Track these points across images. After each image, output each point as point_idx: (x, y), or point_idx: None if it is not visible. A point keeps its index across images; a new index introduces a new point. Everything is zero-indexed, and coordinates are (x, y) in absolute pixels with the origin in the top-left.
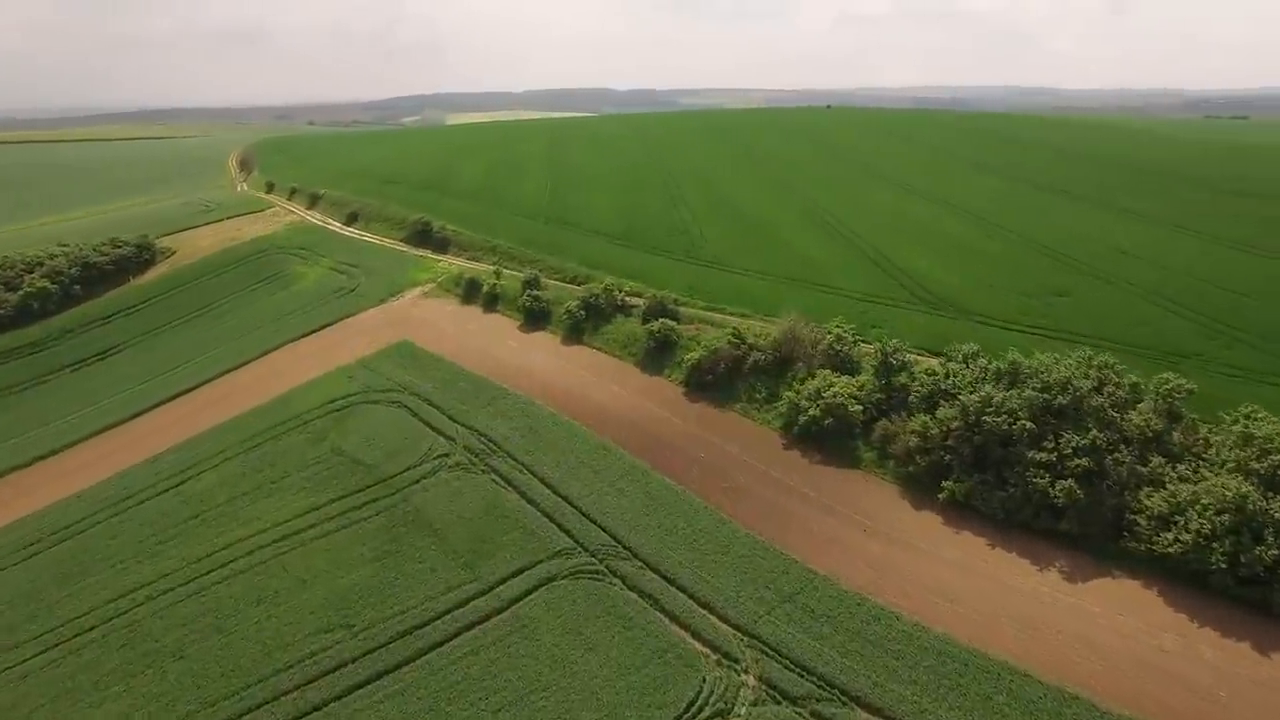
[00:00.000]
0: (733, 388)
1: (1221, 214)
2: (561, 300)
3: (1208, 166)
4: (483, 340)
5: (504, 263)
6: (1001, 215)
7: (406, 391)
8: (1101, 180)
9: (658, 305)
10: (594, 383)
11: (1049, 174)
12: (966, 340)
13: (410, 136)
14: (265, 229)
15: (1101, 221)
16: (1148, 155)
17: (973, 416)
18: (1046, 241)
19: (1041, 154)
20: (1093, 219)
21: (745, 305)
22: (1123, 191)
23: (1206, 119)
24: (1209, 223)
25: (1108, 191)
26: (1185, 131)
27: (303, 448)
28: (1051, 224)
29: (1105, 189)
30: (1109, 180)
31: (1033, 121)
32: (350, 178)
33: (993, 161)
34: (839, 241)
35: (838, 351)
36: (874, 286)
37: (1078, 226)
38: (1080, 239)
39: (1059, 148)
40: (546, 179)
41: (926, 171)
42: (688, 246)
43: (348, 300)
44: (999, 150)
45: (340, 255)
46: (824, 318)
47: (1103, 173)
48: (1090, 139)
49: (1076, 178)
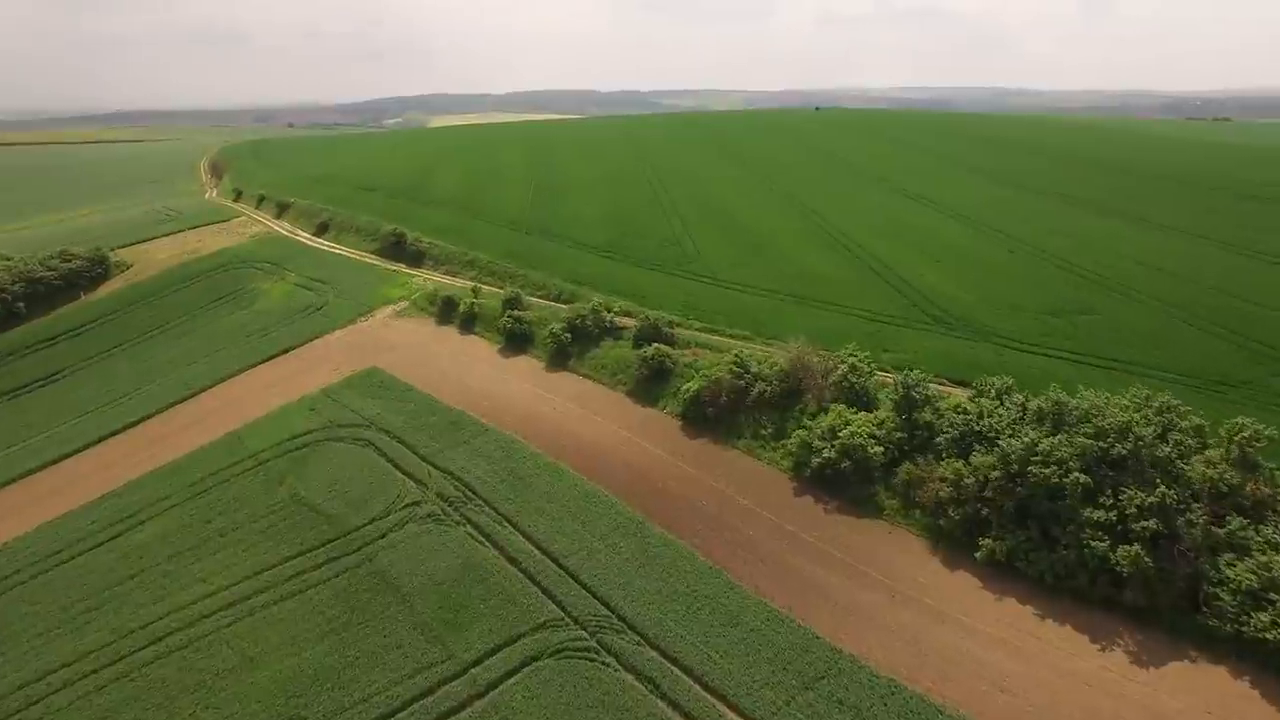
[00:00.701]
0: (735, 422)
1: (1247, 222)
2: (545, 321)
3: (1217, 170)
4: (459, 366)
5: (483, 278)
6: (1008, 223)
7: (374, 427)
8: (1107, 186)
9: (650, 328)
10: (581, 416)
11: (1049, 179)
12: (987, 364)
13: (389, 140)
14: (229, 240)
15: (1115, 231)
16: (1148, 158)
17: (1015, 466)
18: (1060, 253)
19: (1039, 157)
20: (1105, 228)
21: (745, 326)
22: (1132, 198)
23: (1189, 121)
24: (1236, 232)
25: (1115, 198)
26: (1180, 133)
27: (257, 494)
28: (1062, 233)
29: (1112, 195)
30: (1115, 186)
31: (1024, 123)
32: (323, 184)
33: (990, 165)
34: (840, 253)
35: (852, 384)
36: (882, 304)
37: (1090, 236)
38: (1095, 250)
39: (1056, 151)
40: (529, 186)
41: (924, 176)
42: (680, 259)
43: (314, 320)
44: (995, 154)
45: (308, 270)
46: (832, 341)
47: (1106, 178)
48: (1085, 141)
49: (1080, 183)
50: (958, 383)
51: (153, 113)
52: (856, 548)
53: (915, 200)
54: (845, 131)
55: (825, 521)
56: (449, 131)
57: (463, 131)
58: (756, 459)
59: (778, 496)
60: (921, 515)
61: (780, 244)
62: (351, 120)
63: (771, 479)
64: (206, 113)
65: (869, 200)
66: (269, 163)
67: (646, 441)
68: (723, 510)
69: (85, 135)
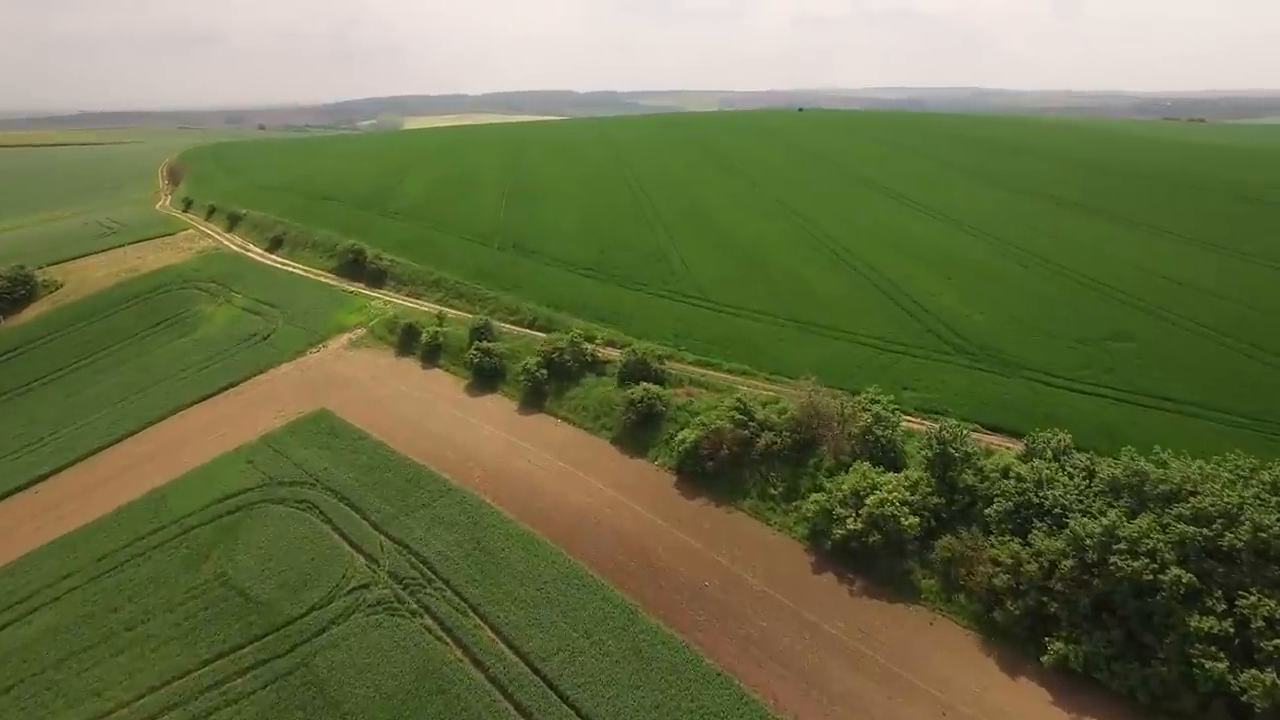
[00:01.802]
0: (739, 478)
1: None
2: (518, 354)
3: (1233, 174)
4: (420, 408)
5: (450, 301)
6: (1016, 232)
7: (320, 486)
8: (1112, 191)
9: (638, 364)
10: (560, 471)
11: (1049, 182)
12: (1022, 404)
13: (358, 143)
14: (173, 257)
15: (1138, 244)
16: (1147, 160)
17: (1092, 555)
18: (1079, 268)
19: (1034, 159)
20: (1127, 241)
21: (744, 358)
22: (1146, 205)
23: (1166, 121)
24: (1270, 242)
25: (1129, 205)
26: (1164, 134)
27: (177, 572)
28: (1076, 244)
29: (1120, 201)
30: (1120, 191)
31: (1010, 123)
32: (281, 193)
33: (986, 168)
34: (842, 269)
35: (877, 437)
36: (894, 329)
37: (1112, 250)
38: (1121, 266)
39: (1049, 152)
40: (502, 194)
41: (919, 180)
42: (667, 276)
43: (259, 351)
44: (988, 156)
45: (257, 291)
46: (843, 375)
47: (1109, 182)
48: (1074, 142)
49: (1082, 187)
50: (992, 428)
51: (121, 114)
52: (892, 644)
53: (914, 207)
54: (831, 133)
55: (852, 607)
56: (420, 134)
57: (434, 134)
58: (765, 523)
59: (793, 573)
60: (968, 601)
61: (774, 258)
62: (324, 122)
63: (784, 550)
64: (178, 114)
65: (865, 207)
66: (231, 167)
67: (637, 503)
68: (729, 593)
69: (38, 137)
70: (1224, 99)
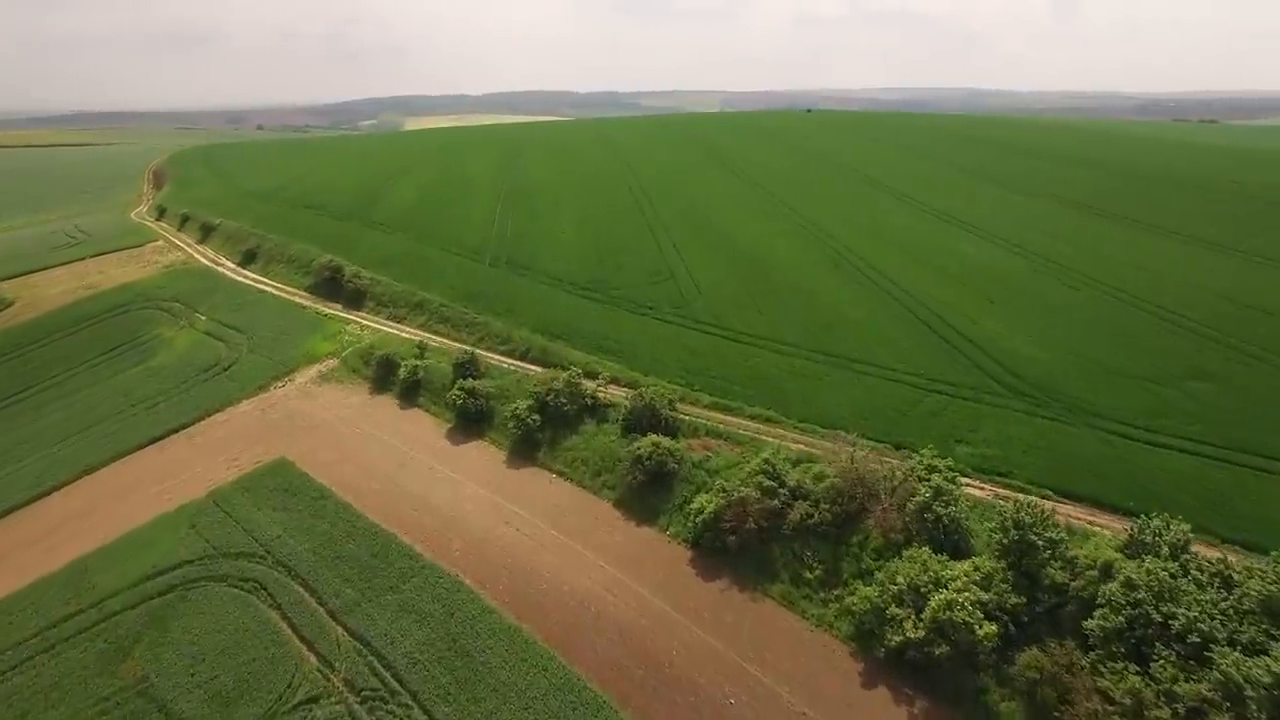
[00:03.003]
0: (767, 556)
1: None
2: (508, 393)
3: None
4: (394, 458)
5: (434, 326)
6: (1055, 247)
7: (270, 559)
8: (1164, 202)
9: (645, 410)
10: (553, 542)
11: (1092, 193)
12: (1097, 461)
13: (352, 145)
14: (137, 272)
15: (1201, 262)
16: (1193, 165)
17: (1261, 714)
18: (1134, 289)
19: (1068, 167)
20: (1186, 259)
21: (768, 400)
22: (1199, 217)
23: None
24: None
25: (1179, 217)
26: (1181, 135)
27: (89, 675)
28: (1125, 261)
29: (1173, 214)
30: (1173, 201)
31: (1026, 126)
32: (264, 199)
33: (1017, 176)
34: (870, 290)
35: (938, 516)
36: (937, 364)
37: (1170, 269)
38: (1183, 288)
39: (1083, 159)
40: (496, 202)
41: (942, 188)
42: (675, 298)
43: (218, 386)
44: (1018, 162)
45: (223, 312)
46: (885, 424)
47: (1160, 192)
48: (1097, 145)
49: (1129, 198)
50: (1066, 495)
51: (120, 114)
52: None
53: (941, 218)
54: (843, 135)
55: None
56: (415, 136)
57: (430, 136)
58: (800, 615)
59: (838, 687)
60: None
61: (793, 276)
62: (325, 122)
63: (825, 654)
64: (178, 114)
65: (889, 218)
66: (218, 171)
67: (645, 586)
68: (759, 712)
69: (30, 138)
70: (1219, 100)
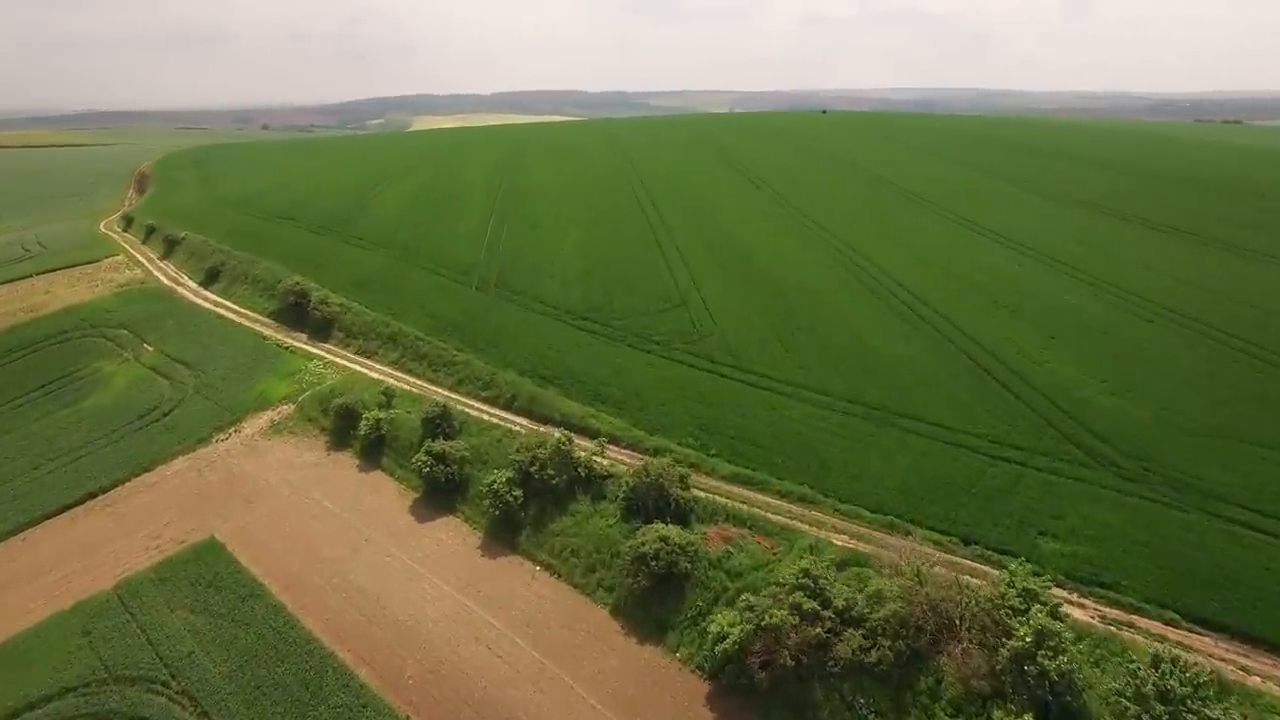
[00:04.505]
0: (807, 699)
1: None
2: (487, 456)
3: None
4: (346, 540)
5: (407, 364)
6: (1119, 271)
7: (174, 687)
8: (1241, 218)
9: (650, 489)
10: (533, 667)
11: (1154, 206)
12: (1223, 563)
13: (349, 147)
14: (86, 292)
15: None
16: (1261, 172)
17: None
18: (1220, 323)
19: (1119, 175)
20: (1255, 277)
21: (801, 469)
22: (1264, 229)
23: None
24: None
25: (1242, 230)
26: (1216, 136)
27: None
28: (1225, 294)
29: (1258, 232)
30: (1253, 218)
31: (1069, 129)
32: (239, 208)
33: (1056, 184)
34: (912, 323)
35: (1042, 669)
36: (1001, 420)
37: (1247, 293)
38: (1272, 318)
39: (1130, 165)
40: (490, 213)
41: (982, 198)
42: (687, 332)
43: (152, 437)
44: (1061, 168)
45: (174, 342)
46: (946, 506)
47: (1233, 204)
48: (1153, 151)
49: (1202, 213)
50: (1197, 620)
51: (127, 114)
52: None
53: (986, 235)
54: (864, 138)
55: None
56: (416, 137)
57: (431, 136)
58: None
59: None
60: None
61: (823, 304)
62: (331, 122)
63: None
64: (186, 113)
65: (926, 234)
66: (204, 175)
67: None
68: None
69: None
70: (1232, 100)
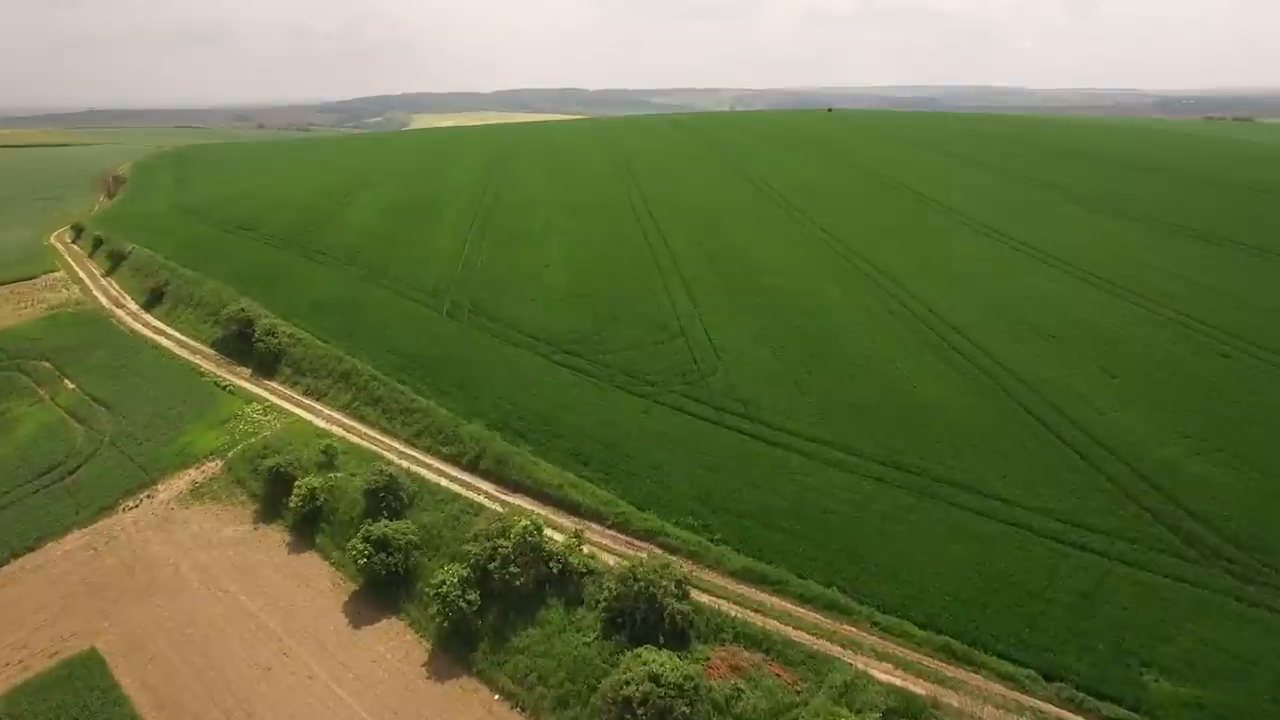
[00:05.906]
0: None
1: None
2: (439, 540)
3: None
4: (261, 653)
5: (360, 409)
6: (1177, 293)
7: None
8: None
9: (639, 598)
10: None
11: (1200, 214)
12: None
13: (335, 146)
14: (12, 315)
15: None
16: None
17: None
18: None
19: (1163, 182)
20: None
21: (829, 565)
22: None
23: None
24: None
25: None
26: (1238, 134)
27: None
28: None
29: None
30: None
31: (1076, 127)
32: (197, 216)
33: (1111, 196)
34: (948, 357)
35: None
36: (1070, 492)
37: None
38: None
39: (1177, 170)
40: (470, 225)
41: (1016, 210)
42: (688, 367)
43: (50, 502)
44: (1106, 177)
45: (98, 378)
46: (1013, 618)
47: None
48: (1159, 151)
49: (1251, 220)
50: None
51: (130, 112)
52: None
53: (1023, 252)
54: (874, 139)
55: None
56: (402, 138)
57: (421, 136)
58: None
59: None
60: None
61: (845, 337)
62: (331, 121)
63: None
64: (189, 112)
65: (958, 251)
66: (181, 177)
67: None
68: None
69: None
70: (1236, 97)
